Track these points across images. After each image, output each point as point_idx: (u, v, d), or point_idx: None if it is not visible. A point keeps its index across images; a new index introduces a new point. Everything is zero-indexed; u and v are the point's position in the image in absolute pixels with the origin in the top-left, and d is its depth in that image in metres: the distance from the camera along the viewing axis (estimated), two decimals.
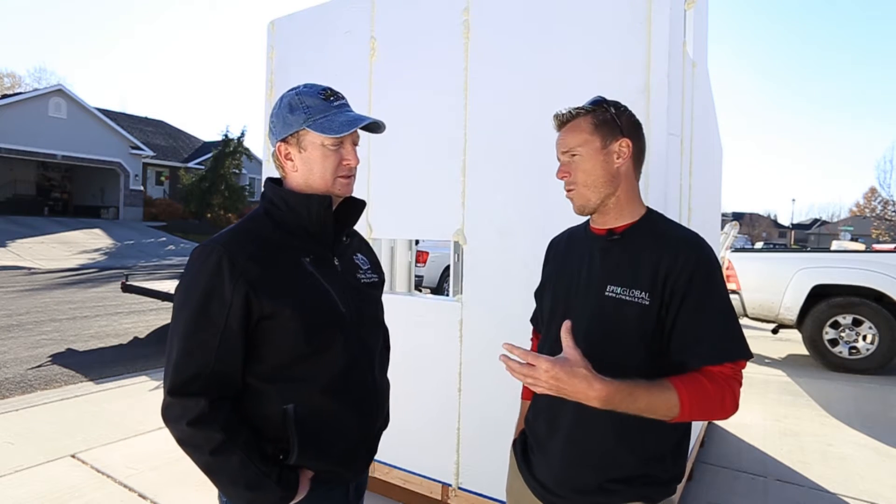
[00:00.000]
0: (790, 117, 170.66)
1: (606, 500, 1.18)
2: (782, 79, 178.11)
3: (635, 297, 1.13)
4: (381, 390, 1.28)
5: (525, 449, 1.35)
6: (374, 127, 1.20)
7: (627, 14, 1.99)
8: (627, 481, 1.16)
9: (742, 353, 1.10)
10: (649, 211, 1.25)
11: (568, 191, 1.24)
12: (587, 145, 1.19)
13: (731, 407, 1.08)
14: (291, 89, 1.19)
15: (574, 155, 1.20)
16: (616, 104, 1.22)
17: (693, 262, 1.11)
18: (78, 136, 23.19)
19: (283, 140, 1.16)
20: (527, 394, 1.47)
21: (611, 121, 1.19)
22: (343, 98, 1.20)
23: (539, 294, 1.44)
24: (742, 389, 1.12)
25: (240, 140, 25.79)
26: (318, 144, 1.14)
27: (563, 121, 1.23)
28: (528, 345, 1.55)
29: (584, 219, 1.34)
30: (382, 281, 1.38)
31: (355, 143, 1.20)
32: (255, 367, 1.10)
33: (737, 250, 7.13)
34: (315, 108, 1.14)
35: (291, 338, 1.10)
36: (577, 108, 1.21)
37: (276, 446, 1.11)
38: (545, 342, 1.33)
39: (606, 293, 1.17)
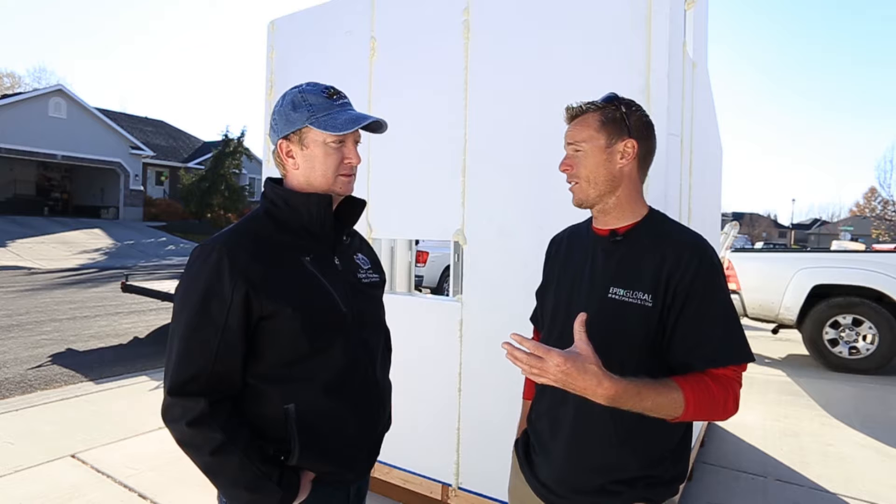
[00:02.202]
0: (790, 117, 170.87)
1: (609, 500, 1.17)
2: (782, 78, 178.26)
3: (638, 298, 1.13)
4: (382, 391, 1.28)
5: (527, 449, 1.35)
6: (376, 126, 1.20)
7: (627, 14, 1.99)
8: (630, 483, 1.16)
9: (745, 357, 1.10)
10: (652, 211, 1.25)
11: (569, 183, 1.24)
12: (591, 142, 1.18)
13: (732, 408, 1.09)
14: (294, 87, 1.19)
15: (578, 150, 1.20)
16: (629, 103, 1.21)
17: (696, 264, 1.11)
18: (78, 136, 23.19)
19: (285, 137, 1.17)
20: (528, 393, 1.47)
21: (619, 120, 1.18)
22: (346, 97, 1.20)
23: (540, 293, 1.44)
24: (742, 389, 1.12)
25: (240, 140, 25.76)
26: (320, 142, 1.15)
27: (573, 114, 1.23)
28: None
29: (584, 214, 1.33)
30: (384, 281, 1.38)
31: (357, 142, 1.20)
32: (256, 367, 1.10)
33: (737, 250, 7.13)
34: (318, 106, 1.14)
35: (292, 337, 1.10)
36: (588, 103, 1.21)
37: (276, 447, 1.10)
38: (547, 342, 1.32)
39: (609, 295, 1.16)
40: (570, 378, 0.96)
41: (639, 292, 1.13)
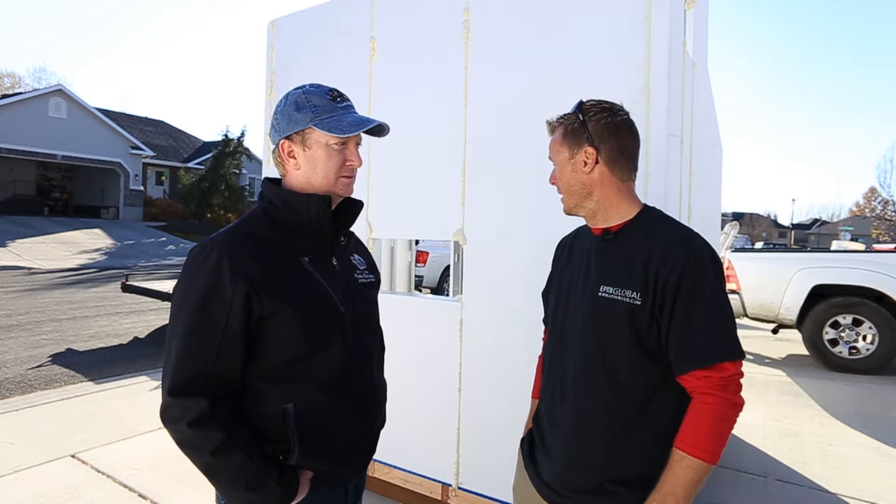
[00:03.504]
0: (790, 117, 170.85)
1: (606, 501, 1.17)
2: (783, 78, 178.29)
3: (626, 297, 1.13)
4: (379, 390, 1.29)
5: (532, 448, 1.35)
6: (378, 130, 1.20)
7: (627, 14, 1.99)
8: (628, 484, 1.16)
9: (729, 354, 1.09)
10: (645, 209, 1.25)
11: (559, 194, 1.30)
12: (558, 155, 1.25)
13: (733, 413, 1.09)
14: (297, 88, 1.19)
15: (554, 164, 1.27)
16: (588, 108, 1.22)
17: (682, 260, 1.11)
18: (78, 136, 23.19)
19: (287, 137, 1.17)
20: (536, 393, 1.48)
21: (578, 129, 1.21)
22: (349, 100, 1.21)
23: (545, 294, 1.45)
24: (742, 389, 1.12)
25: (240, 140, 25.78)
26: (322, 143, 1.15)
27: (550, 130, 1.29)
28: (535, 345, 1.56)
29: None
30: (379, 281, 1.39)
31: (358, 145, 1.21)
32: (255, 366, 1.10)
33: (737, 250, 7.13)
34: (322, 108, 1.15)
35: (291, 337, 1.10)
36: (560, 117, 1.27)
37: (275, 446, 1.11)
38: (550, 341, 1.34)
39: (600, 294, 1.18)
40: None
41: (627, 290, 1.14)
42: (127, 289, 7.08)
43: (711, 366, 1.08)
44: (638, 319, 1.12)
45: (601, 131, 1.21)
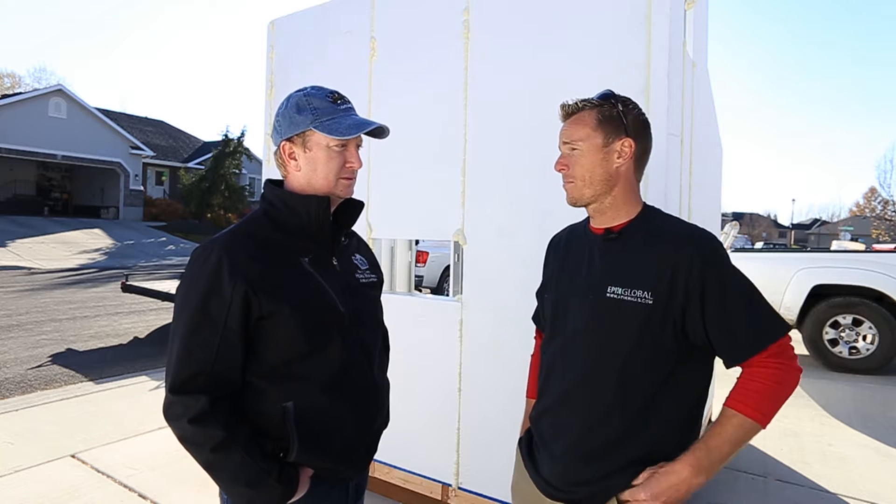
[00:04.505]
0: (790, 117, 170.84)
1: (609, 482, 1.16)
2: (783, 78, 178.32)
3: (637, 297, 1.12)
4: (380, 389, 1.29)
5: (531, 447, 1.35)
6: (378, 132, 1.21)
7: (627, 14, 2.00)
8: (632, 462, 1.15)
9: (778, 332, 1.10)
10: (646, 207, 1.24)
11: (564, 182, 1.24)
12: (588, 140, 1.17)
13: (791, 378, 1.10)
14: (299, 90, 1.20)
15: (574, 148, 1.19)
16: (625, 101, 1.20)
17: (699, 257, 1.10)
18: (78, 136, 23.20)
19: (289, 139, 1.18)
20: (531, 392, 1.47)
21: (616, 118, 1.17)
22: (349, 102, 1.22)
23: (540, 293, 1.44)
24: (796, 356, 1.13)
25: (240, 140, 25.79)
26: (323, 145, 1.16)
27: (569, 112, 1.21)
28: (530, 344, 1.56)
29: (581, 213, 1.33)
30: (381, 281, 1.39)
31: (359, 146, 1.22)
32: (255, 365, 1.11)
33: (737, 250, 7.13)
34: (323, 110, 1.16)
35: (290, 337, 1.11)
36: (585, 101, 1.20)
37: (275, 444, 1.11)
38: (549, 343, 1.32)
39: (608, 294, 1.16)
40: (666, 495, 1.08)
41: (637, 290, 1.13)
42: (127, 289, 7.08)
43: (768, 347, 1.09)
44: (649, 319, 1.11)
45: (638, 126, 1.19)
